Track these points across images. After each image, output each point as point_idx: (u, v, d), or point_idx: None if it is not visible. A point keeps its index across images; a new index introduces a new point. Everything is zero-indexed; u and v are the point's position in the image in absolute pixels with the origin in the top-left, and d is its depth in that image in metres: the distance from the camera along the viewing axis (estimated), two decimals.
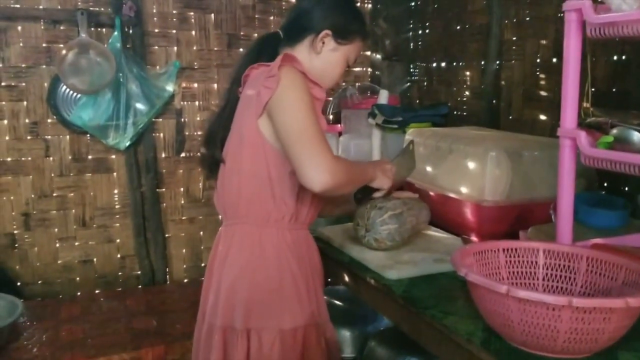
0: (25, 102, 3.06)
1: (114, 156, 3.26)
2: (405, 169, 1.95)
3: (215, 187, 1.75)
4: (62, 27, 3.05)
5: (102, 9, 3.09)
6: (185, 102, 3.37)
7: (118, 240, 3.34)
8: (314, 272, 1.70)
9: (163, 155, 3.36)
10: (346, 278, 1.87)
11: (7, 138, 3.05)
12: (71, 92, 3.06)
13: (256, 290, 1.60)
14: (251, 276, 1.61)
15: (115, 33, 3.04)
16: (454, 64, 2.99)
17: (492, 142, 1.97)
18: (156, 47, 3.27)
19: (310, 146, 1.42)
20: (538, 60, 2.43)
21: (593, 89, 1.59)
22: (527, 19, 2.48)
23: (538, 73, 2.43)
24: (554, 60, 2.33)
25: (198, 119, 3.38)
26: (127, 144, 3.16)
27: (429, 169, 2.15)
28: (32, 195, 3.13)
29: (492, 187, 1.85)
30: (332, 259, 1.90)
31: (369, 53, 3.71)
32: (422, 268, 1.67)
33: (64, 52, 2.92)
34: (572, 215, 1.50)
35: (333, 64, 1.71)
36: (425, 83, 3.26)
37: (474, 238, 1.91)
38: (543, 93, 2.41)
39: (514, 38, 2.56)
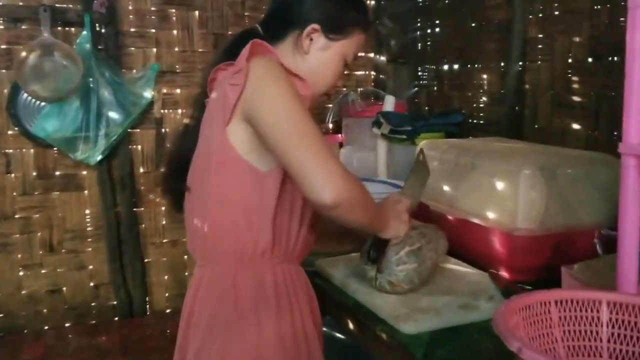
0: None
1: (84, 172, 3.07)
2: (419, 186, 1.67)
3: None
4: (24, 27, 2.87)
5: (70, 5, 2.92)
6: (166, 110, 3.17)
7: (90, 267, 3.14)
8: (306, 322, 1.39)
9: (141, 170, 3.16)
10: (350, 325, 1.58)
11: None
12: (34, 99, 2.85)
13: (229, 356, 1.30)
14: (222, 337, 1.31)
15: (84, 32, 2.85)
16: (469, 66, 2.78)
17: (523, 157, 1.75)
18: (132, 49, 3.09)
19: (313, 150, 1.16)
20: (570, 61, 2.19)
21: None
22: (556, 13, 2.24)
23: (570, 75, 2.19)
24: (589, 60, 2.09)
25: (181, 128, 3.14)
26: (99, 158, 2.96)
27: (446, 188, 1.90)
28: None
29: (526, 213, 1.60)
30: (333, 301, 1.62)
31: (372, 55, 3.52)
32: (445, 318, 1.39)
33: (23, 54, 2.73)
34: (638, 254, 1.23)
35: (325, 66, 1.44)
36: (435, 88, 3.06)
37: (503, 273, 1.65)
38: (576, 98, 2.16)
39: (540, 36, 2.33)
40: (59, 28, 2.87)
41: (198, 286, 1.37)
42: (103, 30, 2.96)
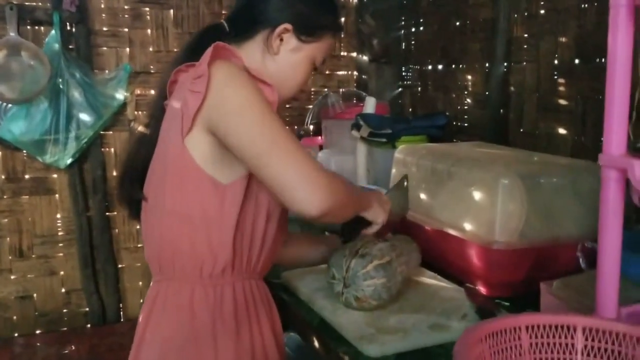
0: None
1: (55, 175, 2.96)
2: (399, 208, 1.63)
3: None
4: None
5: (39, 3, 2.79)
6: (140, 112, 3.05)
7: (62, 273, 3.04)
8: (266, 340, 1.34)
9: (114, 173, 3.06)
10: (316, 343, 1.49)
11: None
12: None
13: None
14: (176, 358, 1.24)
15: (53, 32, 2.74)
16: (453, 66, 2.69)
17: (503, 165, 1.66)
18: (105, 48, 2.98)
19: (292, 159, 1.11)
20: (555, 62, 2.11)
21: None
22: (542, 12, 2.16)
23: (556, 77, 2.11)
24: (576, 61, 2.01)
25: None
26: (69, 161, 2.86)
27: (423, 196, 1.82)
28: None
29: (505, 225, 1.53)
30: (298, 317, 1.54)
31: (354, 54, 3.41)
32: (413, 339, 1.31)
33: None
34: (619, 275, 1.16)
35: (294, 68, 1.37)
36: (419, 89, 2.98)
37: (480, 288, 1.59)
38: (562, 102, 2.08)
39: (526, 35, 2.25)
40: (28, 27, 2.78)
41: (152, 305, 1.29)
42: (74, 30, 2.86)
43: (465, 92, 2.61)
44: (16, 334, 2.93)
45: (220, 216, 1.21)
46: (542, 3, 2.15)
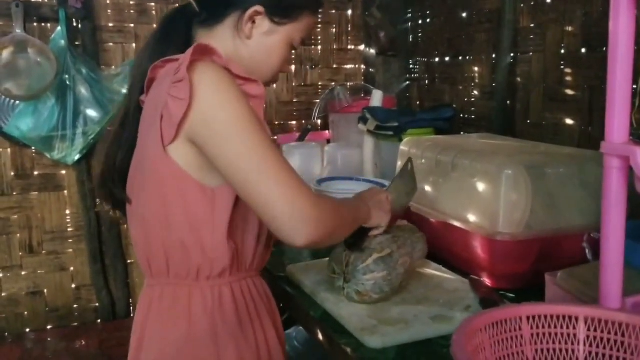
0: None
1: (64, 171, 2.94)
2: (404, 194, 1.59)
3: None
4: None
5: (46, 0, 2.77)
6: None
7: (72, 268, 3.02)
8: (269, 339, 1.30)
9: None
10: (320, 336, 1.48)
11: None
12: (7, 98, 2.72)
13: None
14: None
15: (59, 28, 2.72)
16: (460, 58, 2.66)
17: (507, 156, 1.64)
18: (111, 44, 2.96)
19: (279, 184, 1.03)
20: (562, 52, 2.08)
21: None
22: (548, 1, 2.13)
23: (562, 67, 2.08)
24: (583, 50, 1.98)
25: None
26: (77, 157, 2.84)
27: (428, 188, 1.80)
28: None
29: (509, 216, 1.51)
30: (303, 311, 1.52)
31: (362, 48, 3.36)
32: (415, 331, 1.29)
33: None
34: (622, 265, 1.13)
35: (269, 52, 1.27)
36: (426, 82, 2.94)
37: (485, 279, 1.56)
38: (569, 92, 2.05)
39: (532, 25, 2.22)
40: (34, 24, 2.75)
41: (147, 312, 1.23)
42: (80, 26, 2.83)
43: (472, 84, 2.58)
44: (27, 330, 2.93)
45: (212, 220, 1.15)
46: None
